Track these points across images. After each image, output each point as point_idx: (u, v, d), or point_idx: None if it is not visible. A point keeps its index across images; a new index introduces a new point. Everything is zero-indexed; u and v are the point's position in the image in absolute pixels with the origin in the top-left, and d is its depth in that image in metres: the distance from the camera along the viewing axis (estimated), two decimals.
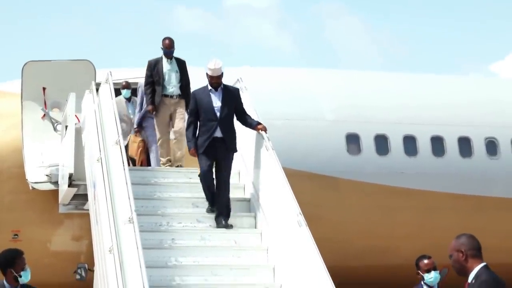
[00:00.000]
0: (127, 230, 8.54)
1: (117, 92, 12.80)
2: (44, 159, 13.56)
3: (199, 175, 10.41)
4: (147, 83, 12.46)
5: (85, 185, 11.69)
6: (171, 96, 12.39)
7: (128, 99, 14.18)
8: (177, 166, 12.05)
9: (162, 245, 10.00)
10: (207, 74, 10.49)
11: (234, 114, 10.54)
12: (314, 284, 8.39)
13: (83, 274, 13.91)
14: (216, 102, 10.46)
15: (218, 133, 10.36)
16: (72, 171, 12.18)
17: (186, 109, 11.99)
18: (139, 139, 13.53)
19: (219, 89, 10.53)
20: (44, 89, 13.93)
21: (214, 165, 10.35)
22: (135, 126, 13.60)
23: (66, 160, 12.45)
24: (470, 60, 45.71)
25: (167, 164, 12.11)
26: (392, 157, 15.61)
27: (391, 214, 15.36)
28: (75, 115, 12.60)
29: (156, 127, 12.46)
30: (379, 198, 15.27)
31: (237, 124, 10.61)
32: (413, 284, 9.19)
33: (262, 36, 45.20)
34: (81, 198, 12.71)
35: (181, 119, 12.22)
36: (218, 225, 10.18)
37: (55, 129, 13.82)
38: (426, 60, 43.31)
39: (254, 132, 10.60)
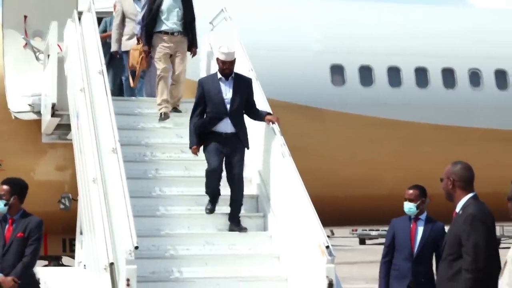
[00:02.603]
0: (111, 160, 8.53)
1: (100, 21, 12.60)
2: (27, 89, 13.45)
3: (206, 173, 9.21)
4: (145, 21, 11.29)
5: (68, 115, 11.65)
6: (171, 33, 11.17)
7: None
8: (174, 108, 11.06)
9: (146, 175, 10.01)
10: (217, 59, 9.39)
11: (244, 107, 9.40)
12: (297, 214, 8.44)
13: (67, 203, 13.95)
14: (227, 93, 9.30)
15: (229, 128, 9.21)
16: (55, 100, 12.10)
17: (191, 50, 11.29)
18: (140, 45, 11.95)
19: (230, 78, 9.38)
20: (25, 17, 13.73)
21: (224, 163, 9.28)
22: (138, 33, 11.78)
23: (49, 89, 12.36)
24: None
25: (162, 106, 10.96)
26: (376, 88, 15.60)
27: (375, 144, 15.41)
28: (58, 44, 12.47)
29: (155, 62, 11.30)
30: (363, 129, 15.29)
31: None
32: (396, 213, 9.26)
33: None
34: (64, 128, 12.67)
35: (181, 62, 11.14)
36: (231, 226, 9.19)
37: (37, 58, 13.67)
38: None
39: (260, 123, 9.56)
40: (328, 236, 8.11)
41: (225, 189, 9.27)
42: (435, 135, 15.67)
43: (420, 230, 8.47)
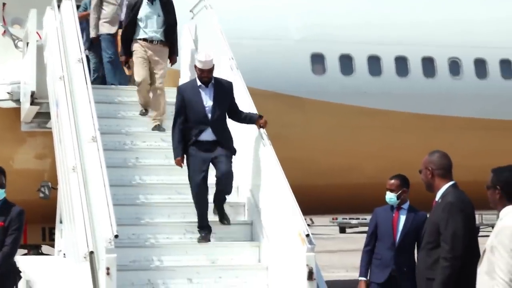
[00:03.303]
0: (91, 149, 8.50)
1: (78, 8, 12.52)
2: (6, 77, 13.37)
3: (192, 191, 8.86)
4: (123, 29, 11.00)
5: (48, 103, 11.59)
6: (150, 41, 10.82)
7: None
8: (155, 126, 10.54)
9: (126, 164, 9.98)
10: (195, 67, 9.11)
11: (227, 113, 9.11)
12: (278, 202, 8.44)
13: (47, 192, 13.89)
14: (207, 101, 8.97)
15: (210, 136, 8.89)
16: (34, 89, 12.04)
17: (171, 58, 11.00)
18: None
19: (209, 84, 9.08)
20: (4, 4, 13.64)
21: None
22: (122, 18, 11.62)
23: (28, 77, 12.29)
24: None
25: (142, 110, 10.78)
26: (356, 77, 15.62)
27: (356, 133, 15.45)
28: (37, 32, 12.39)
29: (134, 69, 10.94)
30: (343, 117, 15.32)
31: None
32: (377, 202, 9.28)
33: None
34: (43, 116, 12.61)
35: (160, 74, 10.74)
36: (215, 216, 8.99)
37: (16, 46, 13.59)
38: None
39: (245, 126, 9.34)
40: (308, 225, 8.12)
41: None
42: (415, 124, 15.73)
43: (403, 219, 8.49)
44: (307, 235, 7.77)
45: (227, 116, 9.12)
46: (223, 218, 8.99)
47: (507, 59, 16.51)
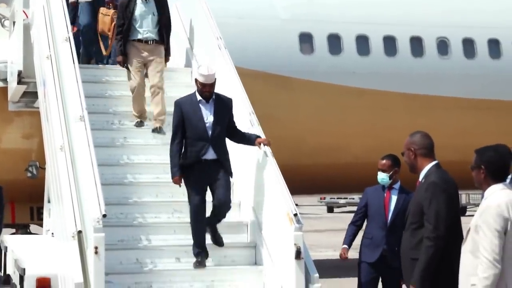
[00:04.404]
0: (78, 128, 8.48)
1: None
2: None
3: (190, 213, 8.38)
4: (118, 28, 10.50)
5: (35, 82, 11.54)
6: (145, 42, 10.35)
7: None
8: (156, 128, 9.99)
9: (114, 143, 9.96)
10: (196, 81, 8.56)
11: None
12: (265, 182, 8.45)
13: (35, 172, 13.89)
14: (208, 117, 8.44)
15: (210, 155, 8.38)
16: (21, 68, 11.99)
17: (167, 58, 10.51)
18: (112, 11, 11.49)
19: (210, 100, 8.54)
20: None
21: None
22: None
23: (15, 57, 12.24)
24: None
25: (139, 116, 10.19)
26: (344, 56, 15.63)
27: (343, 113, 15.48)
28: (23, 11, 12.31)
29: (128, 74, 10.42)
30: (331, 97, 15.34)
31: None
32: (364, 181, 9.28)
33: None
34: (31, 95, 12.58)
35: (157, 72, 10.24)
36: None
37: (2, 25, 13.54)
38: None
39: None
40: (296, 204, 8.13)
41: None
42: (403, 103, 15.76)
43: (394, 199, 8.50)
44: (295, 215, 7.78)
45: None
46: (217, 239, 8.50)
47: (495, 39, 16.54)
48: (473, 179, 5.79)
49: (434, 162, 6.51)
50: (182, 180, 8.45)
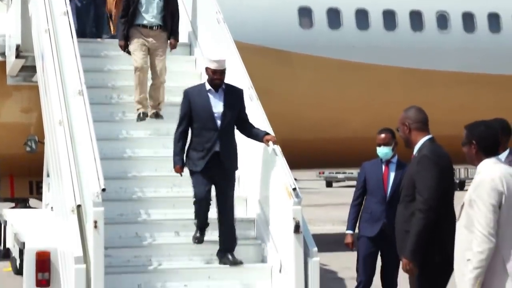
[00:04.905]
0: (77, 103, 8.47)
1: None
2: None
3: (194, 202, 8.18)
4: (122, 12, 10.20)
5: (33, 56, 11.50)
6: (150, 27, 10.09)
7: None
8: (153, 113, 9.84)
9: (113, 118, 9.95)
10: (207, 69, 8.29)
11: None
12: (265, 156, 8.45)
13: (33, 146, 13.89)
14: (217, 107, 8.17)
15: (217, 146, 8.11)
16: (19, 42, 11.95)
17: (172, 42, 10.20)
18: None
19: (219, 90, 8.30)
20: None
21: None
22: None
23: (13, 30, 12.19)
24: None
25: (141, 106, 9.86)
26: (344, 31, 15.57)
27: (342, 87, 15.45)
28: None
29: (132, 55, 10.14)
30: (330, 72, 15.31)
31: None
32: (363, 156, 9.26)
33: None
34: (29, 69, 12.54)
35: (160, 60, 9.97)
36: (222, 260, 8.10)
37: None
38: None
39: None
40: (295, 179, 8.12)
41: None
42: (402, 78, 15.73)
43: (393, 173, 8.49)
44: (294, 189, 7.79)
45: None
46: (234, 257, 8.07)
47: (495, 13, 16.47)
48: (465, 154, 5.81)
49: (428, 136, 6.54)
50: (183, 170, 8.24)
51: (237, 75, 9.23)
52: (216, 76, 8.19)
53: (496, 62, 16.32)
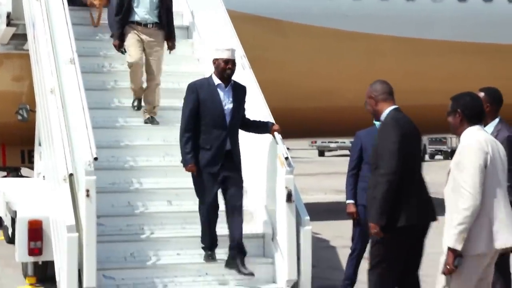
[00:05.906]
0: (69, 71, 8.43)
1: None
2: None
3: (200, 210, 7.89)
4: (116, 10, 9.74)
5: (24, 24, 11.43)
6: (145, 25, 9.63)
7: None
8: (148, 118, 9.42)
9: (105, 86, 9.91)
10: (216, 61, 7.90)
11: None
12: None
13: (25, 114, 13.83)
14: (226, 103, 7.83)
15: (227, 145, 7.78)
16: (10, 9, 11.86)
17: (169, 42, 9.76)
18: None
19: (229, 85, 7.91)
20: None
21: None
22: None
23: None
24: None
25: (136, 94, 9.57)
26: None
27: (336, 56, 15.40)
28: None
29: (127, 50, 9.67)
30: (323, 40, 15.25)
31: None
32: (356, 125, 9.25)
33: None
34: (20, 38, 12.47)
35: (155, 60, 9.54)
36: (232, 268, 7.78)
37: None
38: None
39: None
40: (288, 148, 8.12)
41: None
42: (395, 47, 15.69)
43: None
44: (286, 158, 7.79)
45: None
46: (245, 266, 7.75)
47: None
48: (449, 124, 5.93)
49: (393, 106, 6.65)
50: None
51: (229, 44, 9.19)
52: (229, 66, 7.82)
53: (489, 31, 16.28)
